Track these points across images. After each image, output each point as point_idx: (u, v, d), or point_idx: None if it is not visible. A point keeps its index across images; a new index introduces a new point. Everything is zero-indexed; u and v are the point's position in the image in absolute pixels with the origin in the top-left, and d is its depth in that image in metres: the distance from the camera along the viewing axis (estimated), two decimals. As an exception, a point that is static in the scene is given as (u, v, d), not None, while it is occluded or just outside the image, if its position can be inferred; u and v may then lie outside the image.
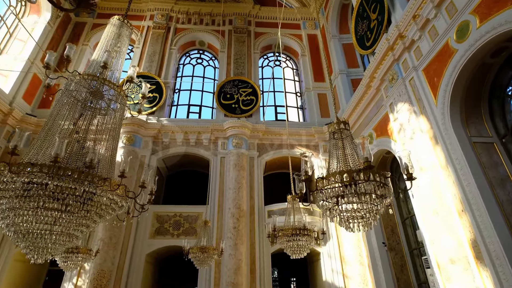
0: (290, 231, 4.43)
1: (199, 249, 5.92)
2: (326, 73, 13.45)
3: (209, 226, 6.59)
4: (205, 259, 5.95)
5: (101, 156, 3.51)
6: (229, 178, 10.18)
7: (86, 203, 3.14)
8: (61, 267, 5.82)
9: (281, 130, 11.55)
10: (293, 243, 4.44)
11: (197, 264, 6.06)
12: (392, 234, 8.89)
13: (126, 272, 8.76)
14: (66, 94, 3.74)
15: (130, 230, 9.32)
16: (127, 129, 10.68)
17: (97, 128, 3.67)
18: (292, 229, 4.42)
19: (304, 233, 4.43)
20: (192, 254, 5.98)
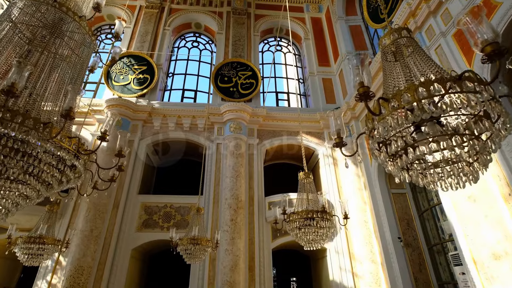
0: (304, 214, 3.46)
1: (189, 241, 4.92)
2: (331, 57, 12.51)
3: (202, 214, 5.60)
4: (196, 252, 4.95)
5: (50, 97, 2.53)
6: (226, 166, 9.18)
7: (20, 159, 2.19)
8: (20, 260, 4.78)
9: (284, 115, 10.58)
10: (308, 230, 3.47)
11: (187, 258, 5.07)
12: (408, 228, 7.95)
13: (109, 269, 7.73)
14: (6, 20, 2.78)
15: (115, 222, 8.29)
16: (114, 111, 9.65)
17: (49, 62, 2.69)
18: (307, 212, 3.45)
19: (324, 217, 3.46)
20: (181, 247, 4.98)
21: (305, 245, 3.71)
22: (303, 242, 3.68)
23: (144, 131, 10.07)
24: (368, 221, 8.48)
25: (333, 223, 3.57)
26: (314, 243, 3.61)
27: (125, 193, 8.77)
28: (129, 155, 9.38)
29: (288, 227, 3.73)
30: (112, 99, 9.75)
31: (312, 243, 3.63)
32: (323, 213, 3.45)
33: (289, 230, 3.75)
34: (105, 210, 8.23)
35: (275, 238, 8.70)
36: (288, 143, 10.46)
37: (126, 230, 8.35)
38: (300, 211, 3.53)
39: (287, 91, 12.94)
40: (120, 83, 10.81)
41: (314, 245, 3.64)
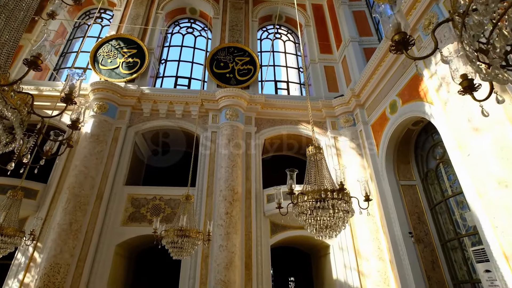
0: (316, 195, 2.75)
1: (176, 232, 4.19)
2: (333, 44, 11.85)
3: (192, 202, 4.87)
4: (185, 246, 4.22)
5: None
6: (221, 155, 8.46)
7: None
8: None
9: (284, 103, 9.88)
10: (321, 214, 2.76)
11: (174, 253, 4.34)
12: (418, 223, 7.30)
13: (89, 266, 6.96)
14: None
15: (97, 215, 7.52)
16: (99, 95, 8.88)
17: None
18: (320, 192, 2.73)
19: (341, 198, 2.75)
20: (167, 239, 4.25)
21: (316, 233, 3.00)
22: (314, 229, 2.97)
23: (132, 118, 9.31)
24: (374, 215, 7.81)
25: (351, 206, 2.87)
26: (329, 230, 2.90)
27: (110, 183, 8.00)
28: (115, 142, 8.63)
29: (295, 212, 3.02)
30: (97, 82, 8.98)
31: (325, 231, 2.92)
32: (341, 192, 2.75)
33: (296, 215, 3.04)
34: (86, 202, 7.46)
35: (274, 233, 8.00)
36: (288, 132, 9.77)
37: (110, 224, 7.58)
38: (311, 190, 2.83)
39: (286, 80, 12.24)
40: (108, 67, 10.03)
41: (328, 233, 2.93)
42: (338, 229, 2.90)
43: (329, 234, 2.95)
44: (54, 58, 11.44)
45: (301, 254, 10.80)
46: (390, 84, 7.79)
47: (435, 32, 1.49)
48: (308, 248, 9.77)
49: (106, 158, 8.30)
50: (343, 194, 2.76)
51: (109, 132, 8.64)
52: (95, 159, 8.01)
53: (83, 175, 7.68)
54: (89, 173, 7.77)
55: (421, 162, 7.77)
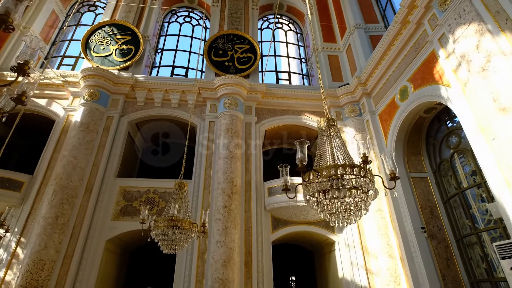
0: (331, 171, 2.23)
1: (167, 223, 3.68)
2: (337, 33, 11.34)
3: (186, 191, 4.36)
4: (176, 238, 3.71)
5: None
6: (220, 146, 7.95)
7: None
8: None
9: (286, 92, 9.37)
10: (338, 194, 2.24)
11: (164, 246, 3.83)
12: (431, 218, 6.79)
13: (77, 263, 6.45)
14: None
15: (86, 208, 7.01)
16: (90, 82, 8.37)
17: None
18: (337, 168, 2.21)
19: (362, 175, 2.23)
20: (156, 231, 3.74)
21: (331, 218, 2.49)
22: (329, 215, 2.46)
23: (125, 107, 8.80)
24: (383, 209, 7.31)
25: (374, 185, 2.36)
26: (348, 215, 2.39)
27: (100, 175, 7.49)
28: (107, 132, 8.12)
29: (305, 193, 2.50)
30: (88, 68, 8.45)
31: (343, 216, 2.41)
32: (363, 167, 2.23)
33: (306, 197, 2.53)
34: (75, 194, 6.95)
35: (275, 228, 7.49)
36: (290, 123, 9.25)
37: (100, 218, 7.07)
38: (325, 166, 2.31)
39: (288, 70, 11.72)
40: (100, 54, 9.51)
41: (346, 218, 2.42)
42: (359, 213, 2.39)
43: (348, 219, 2.44)
44: (46, 47, 10.91)
45: (303, 252, 10.29)
46: (400, 69, 7.28)
47: None
48: (311, 245, 9.26)
49: (97, 149, 7.78)
50: (365, 170, 2.25)
51: (100, 121, 8.13)
52: (84, 149, 7.50)
53: (72, 166, 7.17)
54: (78, 164, 7.26)
55: (433, 152, 7.26)
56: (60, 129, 8.06)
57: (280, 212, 7.54)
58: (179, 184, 4.28)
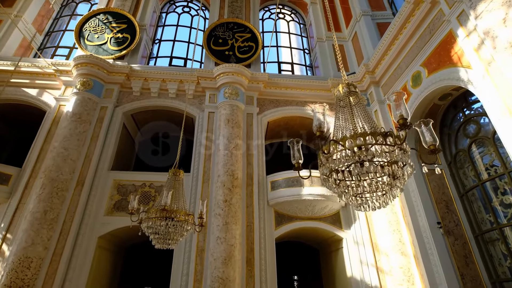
0: (356, 142, 1.77)
1: (159, 213, 3.22)
2: (342, 22, 10.88)
3: (182, 179, 3.91)
4: (170, 231, 3.25)
5: None
6: (220, 137, 7.49)
7: None
8: None
9: (289, 82, 8.91)
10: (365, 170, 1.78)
11: (156, 241, 3.39)
12: (447, 213, 6.32)
13: (66, 261, 6.01)
14: None
15: (77, 203, 6.56)
16: (83, 70, 7.93)
17: None
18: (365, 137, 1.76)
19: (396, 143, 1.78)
20: (147, 223, 3.28)
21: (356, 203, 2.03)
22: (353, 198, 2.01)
23: (120, 97, 8.35)
24: (394, 204, 6.85)
25: (408, 154, 1.90)
26: (376, 197, 1.94)
27: (93, 168, 7.04)
28: (100, 123, 7.67)
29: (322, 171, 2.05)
30: (81, 56, 8.00)
31: (370, 199, 1.95)
32: (397, 136, 1.78)
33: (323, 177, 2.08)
34: (65, 188, 6.50)
35: (279, 224, 7.03)
36: (293, 114, 8.79)
37: (93, 213, 6.62)
38: (349, 136, 1.86)
39: (291, 61, 11.26)
40: (95, 42, 9.06)
41: (376, 201, 1.96)
42: (392, 195, 1.92)
43: (377, 203, 1.97)
44: (39, 37, 10.49)
45: (307, 250, 9.82)
46: (413, 53, 6.81)
47: None
48: (316, 243, 8.80)
49: (90, 140, 7.34)
50: (404, 138, 1.79)
51: (93, 111, 7.69)
52: (76, 140, 7.06)
53: (62, 158, 6.72)
54: (69, 156, 6.81)
55: (448, 143, 6.78)
56: (51, 120, 7.62)
57: (284, 207, 7.08)
58: (174, 172, 3.83)
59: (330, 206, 7.06)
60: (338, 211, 7.27)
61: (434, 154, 1.96)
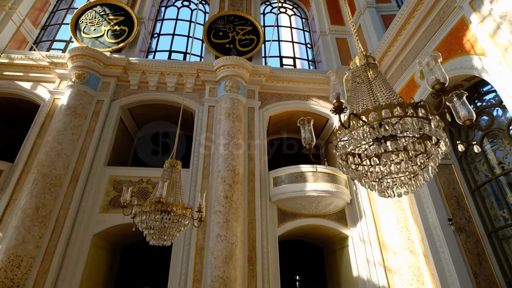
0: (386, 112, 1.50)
1: (154, 206, 2.94)
2: (345, 15, 10.61)
3: (179, 170, 3.64)
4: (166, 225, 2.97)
5: None
6: (220, 132, 7.22)
7: None
8: None
9: (291, 76, 8.63)
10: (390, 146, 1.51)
11: (151, 236, 3.12)
12: (458, 209, 6.04)
13: (59, 260, 5.72)
14: None
15: (71, 199, 6.28)
16: (78, 63, 7.66)
17: None
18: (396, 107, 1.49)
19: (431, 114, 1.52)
20: (140, 217, 3.01)
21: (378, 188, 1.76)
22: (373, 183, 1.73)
23: (117, 90, 8.08)
24: (402, 200, 6.57)
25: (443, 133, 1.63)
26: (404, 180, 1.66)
27: (88, 163, 6.77)
28: (96, 117, 7.40)
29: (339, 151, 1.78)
30: (76, 48, 7.73)
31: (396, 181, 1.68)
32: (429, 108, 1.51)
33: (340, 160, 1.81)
34: (59, 184, 6.22)
35: (282, 222, 6.75)
36: (296, 108, 8.51)
37: (87, 210, 6.34)
38: (372, 108, 1.59)
39: (293, 55, 10.98)
40: (91, 35, 8.79)
41: (404, 184, 1.69)
42: (424, 177, 1.65)
43: (405, 187, 1.69)
44: (35, 31, 10.21)
45: (310, 249, 9.53)
46: (421, 43, 6.54)
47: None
48: (320, 241, 8.51)
49: (85, 134, 7.07)
50: (443, 106, 1.52)
51: (89, 105, 7.41)
52: (71, 134, 6.78)
53: (55, 153, 6.45)
54: (63, 150, 6.54)
55: (458, 136, 6.51)
56: (45, 114, 7.35)
57: (287, 204, 6.80)
58: (171, 163, 3.55)
59: (335, 203, 6.78)
60: (343, 208, 6.99)
61: (471, 129, 1.68)
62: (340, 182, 6.93)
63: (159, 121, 8.95)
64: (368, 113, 1.61)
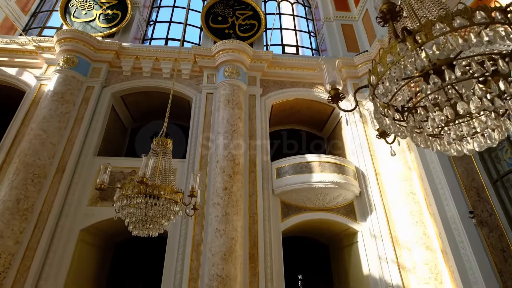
0: (463, 19, 1.02)
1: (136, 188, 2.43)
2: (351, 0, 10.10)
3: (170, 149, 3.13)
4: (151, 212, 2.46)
5: None
6: (219, 119, 6.71)
7: None
8: None
9: (295, 62, 8.12)
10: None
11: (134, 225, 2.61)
12: (478, 201, 5.53)
13: (41, 257, 5.21)
14: None
15: (57, 191, 5.77)
16: (67, 46, 7.14)
17: None
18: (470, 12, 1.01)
19: None
20: (121, 202, 2.50)
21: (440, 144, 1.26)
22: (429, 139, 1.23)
23: (109, 77, 7.57)
24: (416, 192, 6.06)
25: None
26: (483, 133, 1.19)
27: (75, 153, 6.26)
28: (86, 104, 6.89)
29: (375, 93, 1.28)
30: (65, 30, 7.23)
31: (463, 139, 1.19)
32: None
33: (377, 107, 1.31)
34: (43, 174, 5.71)
35: (286, 216, 6.24)
36: (300, 96, 8.01)
37: (74, 203, 5.83)
38: (436, 18, 1.10)
39: (296, 43, 10.47)
40: (82, 19, 8.28)
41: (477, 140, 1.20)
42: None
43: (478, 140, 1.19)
44: (24, 18, 9.68)
45: (315, 246, 9.02)
46: (437, 22, 6.01)
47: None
48: (326, 237, 8.00)
49: (73, 122, 6.56)
50: None
51: (78, 91, 6.90)
52: (57, 122, 6.27)
53: (40, 141, 5.94)
54: (48, 139, 6.03)
55: (477, 123, 5.99)
56: (30, 101, 6.84)
57: (292, 196, 6.29)
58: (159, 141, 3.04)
59: (344, 195, 6.26)
60: (352, 201, 6.48)
61: None
62: (348, 173, 6.41)
63: (153, 109, 8.43)
64: (430, 25, 1.11)
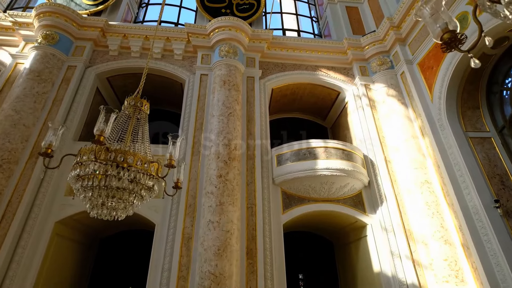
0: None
1: (97, 153, 1.81)
2: (356, -18, 9.49)
3: (146, 114, 2.50)
4: (113, 186, 1.83)
5: None
6: (214, 102, 6.08)
7: None
8: None
9: (297, 43, 7.51)
10: None
11: (90, 202, 1.97)
12: (503, 189, 4.95)
13: (9, 253, 4.55)
14: None
15: (29, 178, 5.11)
16: (46, 21, 6.48)
17: None
18: None
19: None
20: (75, 171, 1.88)
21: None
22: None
23: (94, 56, 6.91)
24: (431, 181, 5.46)
25: None
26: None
27: (53, 136, 5.58)
28: (66, 84, 6.23)
29: None
30: (44, 4, 6.56)
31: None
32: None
33: None
34: (13, 160, 5.06)
35: (287, 207, 5.62)
36: (302, 80, 7.39)
37: (49, 191, 5.17)
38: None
39: (297, 28, 9.85)
40: (66, -4, 7.61)
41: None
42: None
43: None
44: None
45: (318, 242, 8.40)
46: (454, -6, 5.44)
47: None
48: (330, 232, 7.40)
49: (51, 104, 5.91)
50: None
51: (57, 70, 6.24)
52: (32, 102, 5.62)
53: (11, 122, 5.28)
54: (21, 120, 5.37)
55: (499, 104, 5.42)
56: (4, 80, 6.18)
57: (294, 186, 5.68)
58: (131, 101, 2.42)
59: (351, 185, 5.66)
60: (360, 191, 5.88)
61: None
62: (356, 161, 5.81)
63: (143, 94, 7.76)
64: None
